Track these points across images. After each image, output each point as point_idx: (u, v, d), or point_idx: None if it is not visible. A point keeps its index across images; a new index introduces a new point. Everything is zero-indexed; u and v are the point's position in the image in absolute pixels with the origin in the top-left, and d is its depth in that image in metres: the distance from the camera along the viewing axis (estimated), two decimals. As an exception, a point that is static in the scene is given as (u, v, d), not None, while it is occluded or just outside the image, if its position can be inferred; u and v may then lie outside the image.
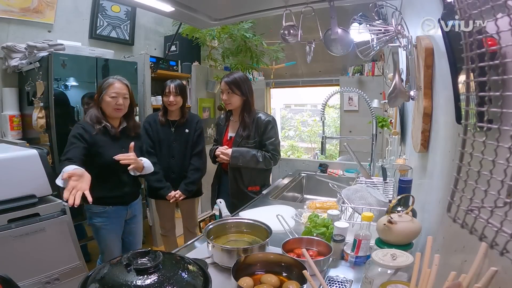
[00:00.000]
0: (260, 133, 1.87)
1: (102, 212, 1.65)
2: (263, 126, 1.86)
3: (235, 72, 2.07)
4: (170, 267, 0.67)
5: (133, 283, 0.61)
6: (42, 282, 1.40)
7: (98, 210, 1.64)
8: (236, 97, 1.84)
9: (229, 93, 1.84)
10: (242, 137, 1.86)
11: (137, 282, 0.61)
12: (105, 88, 1.61)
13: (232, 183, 1.90)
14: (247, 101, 1.87)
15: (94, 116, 1.62)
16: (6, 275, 0.82)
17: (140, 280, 0.62)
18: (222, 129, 2.00)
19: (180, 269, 0.69)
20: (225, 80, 1.85)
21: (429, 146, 1.12)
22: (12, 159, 1.41)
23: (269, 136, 1.88)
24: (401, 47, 1.21)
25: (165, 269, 0.66)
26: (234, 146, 1.87)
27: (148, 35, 3.42)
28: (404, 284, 0.69)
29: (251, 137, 1.86)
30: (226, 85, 1.84)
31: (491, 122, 0.47)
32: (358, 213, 1.23)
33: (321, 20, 1.56)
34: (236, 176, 1.89)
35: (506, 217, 0.43)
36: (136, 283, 0.61)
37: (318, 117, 5.22)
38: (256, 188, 1.93)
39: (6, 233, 1.33)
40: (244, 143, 1.86)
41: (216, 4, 1.68)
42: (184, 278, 0.67)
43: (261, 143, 1.87)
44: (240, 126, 1.89)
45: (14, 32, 2.34)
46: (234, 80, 1.84)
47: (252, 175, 1.90)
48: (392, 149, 2.51)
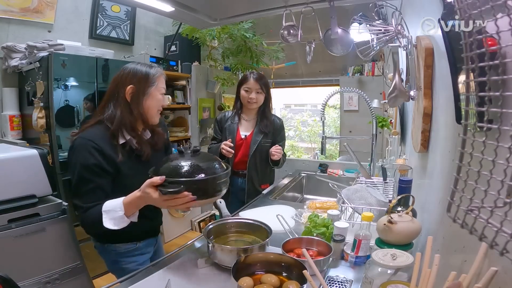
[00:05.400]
0: (275, 134, 1.91)
1: (133, 250, 1.22)
2: (279, 127, 1.93)
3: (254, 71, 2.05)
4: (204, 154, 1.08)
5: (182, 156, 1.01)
6: (42, 282, 1.40)
7: (126, 249, 1.21)
8: (262, 96, 1.84)
9: (258, 92, 1.81)
10: (261, 136, 1.86)
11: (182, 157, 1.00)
12: (154, 80, 1.14)
13: (249, 183, 1.90)
14: (267, 100, 1.88)
15: (127, 123, 1.11)
16: (6, 275, 0.82)
17: (194, 159, 1.00)
18: (233, 128, 1.90)
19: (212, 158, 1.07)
20: (254, 78, 1.80)
21: (429, 146, 1.12)
22: (12, 159, 1.41)
23: (282, 137, 1.95)
24: (401, 47, 1.21)
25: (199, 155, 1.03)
26: (253, 145, 1.85)
27: (148, 35, 3.42)
28: (404, 284, 0.69)
29: (269, 136, 1.88)
30: (257, 84, 1.79)
31: (491, 122, 0.47)
32: (358, 213, 1.23)
33: (321, 20, 1.56)
34: (253, 175, 1.90)
35: (506, 217, 0.43)
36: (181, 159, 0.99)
37: (318, 117, 5.23)
38: (267, 186, 1.98)
39: (6, 233, 1.33)
40: (263, 141, 1.87)
41: (216, 4, 1.68)
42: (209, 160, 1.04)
43: (274, 143, 1.88)
44: (258, 125, 1.88)
45: (14, 32, 2.34)
46: (263, 78, 1.83)
47: (265, 173, 1.94)
48: (392, 149, 2.51)
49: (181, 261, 1.08)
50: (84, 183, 1.04)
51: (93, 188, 1.04)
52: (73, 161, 1.05)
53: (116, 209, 0.99)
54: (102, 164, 1.05)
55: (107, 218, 0.99)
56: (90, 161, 1.03)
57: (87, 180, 1.04)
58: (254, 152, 1.85)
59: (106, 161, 1.06)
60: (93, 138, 1.06)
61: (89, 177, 1.04)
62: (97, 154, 1.04)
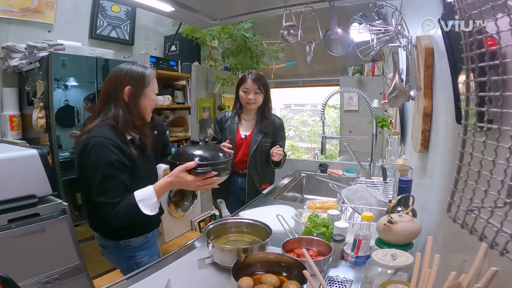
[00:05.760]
0: (275, 134, 1.91)
1: (145, 243, 1.29)
2: (279, 127, 1.93)
3: (253, 71, 2.09)
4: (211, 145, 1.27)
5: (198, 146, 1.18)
6: (42, 282, 1.40)
7: (139, 243, 1.27)
8: (261, 97, 1.85)
9: (256, 93, 1.82)
10: (261, 136, 1.86)
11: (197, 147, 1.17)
12: (150, 81, 1.22)
13: (249, 183, 1.91)
14: (267, 101, 1.89)
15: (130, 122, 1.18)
16: (6, 275, 0.82)
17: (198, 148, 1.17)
18: (233, 128, 1.91)
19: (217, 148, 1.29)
20: (252, 78, 1.80)
21: (429, 146, 1.12)
22: (12, 159, 1.41)
23: (282, 137, 1.95)
24: (401, 47, 1.21)
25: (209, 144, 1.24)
26: (253, 144, 1.86)
27: (148, 35, 3.42)
28: (404, 284, 0.69)
29: (269, 136, 1.88)
30: (255, 84, 1.80)
31: (491, 122, 0.47)
32: (358, 213, 1.23)
33: (321, 20, 1.56)
34: (253, 175, 1.90)
35: (506, 217, 0.43)
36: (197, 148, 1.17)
37: (318, 117, 5.22)
38: (267, 186, 1.98)
39: (6, 233, 1.33)
40: (263, 141, 1.87)
41: (216, 4, 1.68)
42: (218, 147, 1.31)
43: (274, 143, 1.89)
44: (258, 124, 1.88)
45: (14, 32, 2.34)
46: (261, 78, 1.83)
47: (265, 173, 1.94)
48: (392, 149, 2.51)
49: (181, 261, 1.08)
50: (109, 180, 1.08)
51: (117, 184, 1.09)
52: (94, 160, 1.08)
53: (151, 197, 1.10)
54: (123, 160, 1.12)
55: (144, 206, 1.08)
56: (112, 158, 1.08)
57: (112, 176, 1.09)
58: (254, 151, 1.85)
59: (125, 156, 1.13)
60: (108, 136, 1.11)
61: (113, 174, 1.09)
62: (116, 150, 1.10)
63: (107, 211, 1.08)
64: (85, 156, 1.10)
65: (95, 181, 1.08)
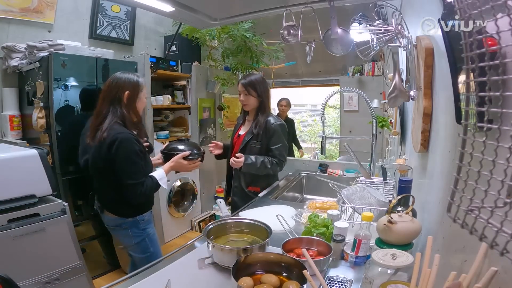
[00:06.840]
0: (267, 137, 1.86)
1: (150, 218, 1.64)
2: (271, 131, 1.84)
3: (252, 74, 2.14)
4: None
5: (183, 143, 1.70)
6: (42, 282, 1.40)
7: (148, 216, 1.60)
8: (253, 99, 1.86)
9: (246, 94, 1.86)
10: (250, 137, 1.87)
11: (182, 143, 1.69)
12: (143, 87, 1.51)
13: (236, 181, 1.93)
14: (262, 102, 1.89)
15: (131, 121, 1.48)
16: (6, 275, 0.82)
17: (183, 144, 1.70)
18: (236, 127, 2.05)
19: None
20: (241, 82, 1.88)
21: (429, 146, 1.12)
22: (12, 159, 1.41)
23: (276, 142, 1.86)
24: (401, 47, 1.21)
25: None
26: (242, 144, 1.89)
27: (148, 35, 3.42)
28: (404, 284, 0.69)
29: (259, 138, 1.87)
30: (243, 87, 1.86)
31: (491, 122, 0.47)
32: (358, 213, 1.23)
33: (321, 20, 1.56)
34: (239, 174, 1.91)
35: (506, 217, 0.43)
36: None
37: (318, 117, 5.23)
38: (256, 189, 1.92)
39: (6, 233, 1.33)
40: (252, 143, 1.87)
41: (216, 4, 1.68)
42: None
43: (267, 147, 1.86)
44: (252, 126, 1.90)
45: (14, 32, 2.34)
46: (251, 81, 1.85)
47: (253, 176, 1.90)
48: (392, 149, 2.52)
49: (181, 261, 1.08)
50: (136, 165, 1.41)
51: (140, 168, 1.43)
52: (124, 151, 1.38)
53: (164, 176, 1.52)
54: (142, 149, 1.46)
55: (162, 183, 1.50)
56: (137, 148, 1.42)
57: (137, 162, 1.42)
58: (241, 151, 1.86)
59: (142, 147, 1.46)
60: (129, 132, 1.42)
61: (138, 160, 1.42)
62: (137, 143, 1.43)
63: (137, 189, 1.40)
64: (113, 149, 1.36)
65: (126, 167, 1.39)
